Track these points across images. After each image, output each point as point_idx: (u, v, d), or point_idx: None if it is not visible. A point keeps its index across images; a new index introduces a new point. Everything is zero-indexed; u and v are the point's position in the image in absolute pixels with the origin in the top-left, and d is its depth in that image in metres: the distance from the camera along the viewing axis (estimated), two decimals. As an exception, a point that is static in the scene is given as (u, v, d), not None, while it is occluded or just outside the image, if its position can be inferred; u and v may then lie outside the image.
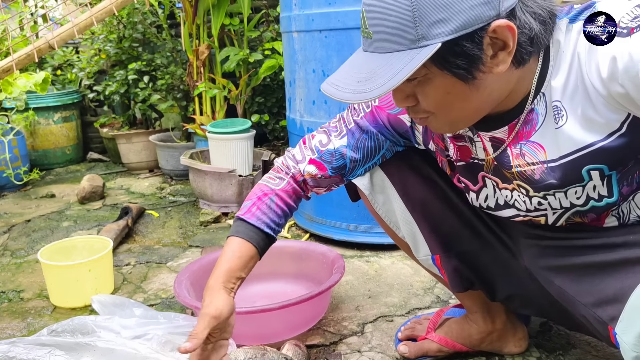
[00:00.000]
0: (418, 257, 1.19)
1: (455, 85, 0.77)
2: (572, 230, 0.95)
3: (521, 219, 0.97)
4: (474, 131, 0.92)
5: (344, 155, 1.08)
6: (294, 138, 2.11)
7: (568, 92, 0.79)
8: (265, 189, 1.10)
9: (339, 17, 1.80)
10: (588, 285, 0.89)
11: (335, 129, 1.10)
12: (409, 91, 0.81)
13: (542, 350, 1.28)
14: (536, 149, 0.85)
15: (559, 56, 0.80)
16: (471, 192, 1.02)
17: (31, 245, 2.15)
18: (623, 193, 0.86)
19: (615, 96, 0.74)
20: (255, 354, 1.16)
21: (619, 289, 0.83)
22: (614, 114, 0.76)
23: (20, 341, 1.19)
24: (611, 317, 0.83)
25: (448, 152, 1.00)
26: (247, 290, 1.64)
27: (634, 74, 0.70)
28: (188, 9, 2.77)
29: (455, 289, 1.17)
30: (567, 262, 0.95)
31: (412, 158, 1.13)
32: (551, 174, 0.85)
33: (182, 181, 3.05)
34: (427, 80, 0.77)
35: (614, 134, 0.77)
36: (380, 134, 1.07)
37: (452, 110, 0.82)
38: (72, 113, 3.55)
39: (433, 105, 0.81)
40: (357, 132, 1.07)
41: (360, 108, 1.08)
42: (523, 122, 0.86)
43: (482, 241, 1.12)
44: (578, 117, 0.79)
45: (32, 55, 1.98)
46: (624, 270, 0.83)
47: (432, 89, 0.78)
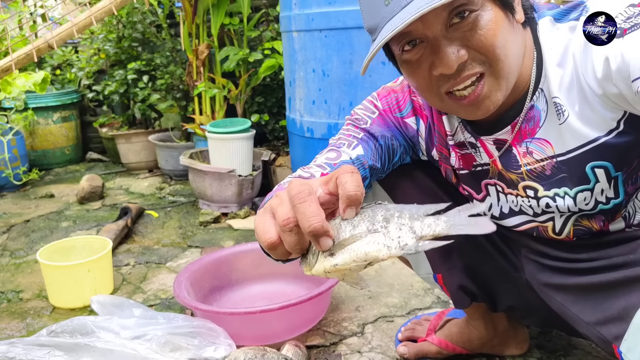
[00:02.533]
0: (419, 274, 1.17)
1: (503, 21, 0.76)
2: (574, 247, 0.94)
3: (528, 226, 0.96)
4: (476, 137, 0.92)
5: (365, 165, 0.94)
6: (294, 138, 2.10)
7: (564, 89, 0.80)
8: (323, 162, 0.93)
9: (339, 17, 1.80)
10: (591, 304, 0.89)
11: (341, 144, 0.96)
12: (460, 43, 0.75)
13: (543, 352, 1.27)
14: (543, 145, 0.85)
15: (549, 53, 0.80)
16: (475, 200, 1.01)
17: (30, 246, 2.15)
18: (628, 192, 0.86)
19: (611, 96, 0.74)
20: (255, 354, 1.16)
21: (622, 307, 0.82)
22: (611, 113, 0.76)
23: (19, 342, 1.19)
24: (615, 336, 0.83)
25: (451, 159, 0.99)
26: (247, 291, 1.64)
27: (626, 75, 0.69)
28: (188, 9, 2.77)
29: (459, 306, 1.15)
30: (568, 281, 0.94)
31: (413, 172, 1.07)
32: (562, 168, 0.85)
33: (182, 181, 3.04)
34: (480, 15, 0.74)
35: (613, 132, 0.78)
36: (395, 139, 0.99)
37: (502, 56, 0.76)
38: (71, 113, 3.55)
39: (489, 44, 0.74)
40: (370, 141, 0.97)
41: (365, 116, 0.99)
42: (525, 119, 0.85)
43: (485, 254, 1.10)
44: (577, 113, 0.79)
45: (31, 54, 1.97)
46: (627, 290, 0.83)
47: (485, 22, 0.74)
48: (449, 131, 0.95)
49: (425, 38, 0.75)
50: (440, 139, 0.98)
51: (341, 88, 1.86)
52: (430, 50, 0.76)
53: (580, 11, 0.78)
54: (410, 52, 0.78)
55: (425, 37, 0.75)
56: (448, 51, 0.74)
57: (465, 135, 0.94)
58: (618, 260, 0.87)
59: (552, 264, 0.98)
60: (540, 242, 0.99)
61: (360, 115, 1.00)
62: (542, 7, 0.85)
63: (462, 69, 0.76)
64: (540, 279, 1.00)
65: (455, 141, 0.96)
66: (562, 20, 0.81)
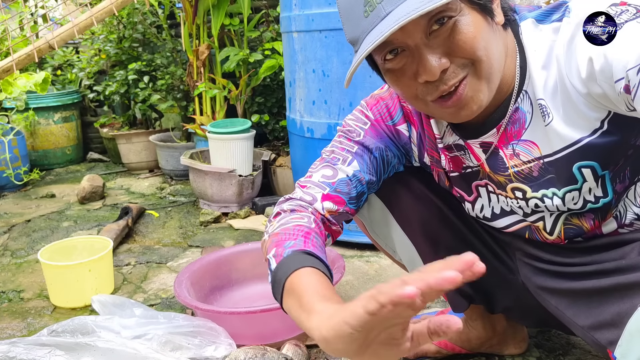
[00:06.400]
0: None
1: (482, 24, 0.76)
2: (567, 250, 0.94)
3: (519, 226, 0.97)
4: (463, 140, 0.92)
5: (362, 181, 0.96)
6: (294, 138, 2.11)
7: (549, 91, 0.80)
8: (303, 228, 0.87)
9: (338, 17, 1.80)
10: (584, 309, 0.89)
11: (335, 159, 0.97)
12: (441, 50, 0.75)
13: (542, 351, 1.28)
14: (529, 147, 0.85)
15: (533, 55, 0.81)
16: (467, 202, 1.01)
17: (31, 245, 2.15)
18: (617, 190, 0.86)
19: (595, 96, 0.74)
20: (255, 354, 1.16)
21: (615, 314, 0.82)
22: (595, 113, 0.77)
23: (20, 341, 1.19)
24: (609, 342, 0.83)
25: (442, 162, 0.99)
26: (247, 290, 1.65)
27: (609, 76, 0.70)
28: (188, 9, 2.77)
29: (458, 309, 1.16)
30: (562, 285, 0.95)
31: (407, 180, 1.06)
32: (549, 169, 0.85)
33: (182, 181, 3.05)
34: (458, 20, 0.74)
35: (598, 131, 0.78)
36: (389, 150, 0.99)
37: (485, 57, 0.76)
38: (72, 113, 3.55)
39: (469, 47, 0.74)
40: (365, 154, 0.97)
41: (357, 127, 0.99)
42: (510, 121, 0.86)
43: (480, 257, 1.09)
44: (561, 115, 0.79)
45: (32, 55, 1.98)
46: (619, 295, 0.83)
47: (464, 26, 0.74)
48: (438, 134, 0.96)
49: (407, 47, 0.76)
50: (430, 143, 0.98)
51: (341, 88, 1.86)
52: (412, 58, 0.76)
53: (563, 12, 0.78)
54: (393, 61, 0.78)
55: (407, 45, 0.75)
56: (430, 59, 0.74)
57: (454, 138, 0.94)
58: (610, 266, 0.87)
59: (545, 268, 0.98)
60: (533, 246, 0.99)
61: (353, 126, 1.00)
62: (523, 9, 0.85)
63: (446, 75, 0.76)
64: (535, 282, 1.01)
65: (444, 144, 0.96)
66: (545, 21, 0.81)
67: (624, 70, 0.68)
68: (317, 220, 0.91)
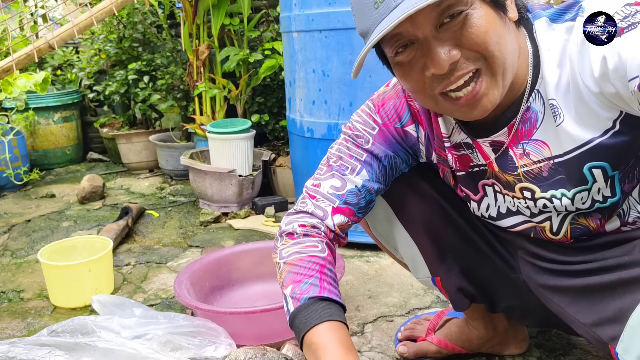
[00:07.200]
0: (417, 277, 1.17)
1: (495, 19, 0.76)
2: (569, 249, 0.94)
3: (525, 226, 0.96)
4: (472, 138, 0.92)
5: (371, 191, 0.99)
6: (294, 138, 2.11)
7: (561, 91, 0.80)
8: (318, 260, 0.93)
9: (338, 17, 1.80)
10: (587, 305, 0.89)
11: (344, 167, 0.98)
12: (451, 42, 0.75)
13: (542, 351, 1.28)
14: (540, 147, 0.85)
15: (547, 54, 0.81)
16: (472, 201, 1.01)
17: (31, 245, 2.15)
18: (625, 190, 0.86)
19: (608, 95, 0.74)
20: (255, 354, 1.16)
21: (618, 309, 0.83)
22: (607, 112, 0.77)
23: (20, 341, 1.19)
24: (611, 337, 0.83)
25: (449, 161, 0.99)
26: (247, 290, 1.64)
27: (623, 74, 0.70)
28: (188, 9, 2.77)
29: (459, 308, 1.15)
30: (564, 283, 0.95)
31: (410, 178, 1.07)
32: (559, 169, 0.85)
33: (182, 181, 3.05)
34: (470, 13, 0.74)
35: (609, 132, 0.78)
36: (398, 156, 1.00)
37: (498, 52, 0.76)
38: (72, 113, 3.55)
39: (481, 41, 0.74)
40: (374, 162, 0.98)
41: (365, 133, 0.99)
42: (521, 121, 0.85)
43: (482, 256, 1.09)
44: (572, 115, 0.79)
45: (32, 55, 1.98)
46: (622, 291, 0.83)
47: (476, 20, 0.74)
48: (445, 133, 0.95)
49: (416, 39, 0.76)
50: (438, 142, 0.98)
51: (341, 88, 1.86)
52: (422, 51, 0.76)
53: (576, 11, 0.78)
54: (402, 54, 0.78)
55: (416, 38, 0.75)
56: (439, 51, 0.74)
57: (462, 136, 0.94)
58: (612, 262, 0.87)
59: (547, 266, 0.98)
60: (535, 245, 0.99)
61: (361, 131, 1.00)
62: (536, 8, 0.85)
63: (455, 68, 0.76)
64: (537, 281, 1.00)
65: (452, 143, 0.96)
66: (558, 20, 0.81)
67: (639, 69, 0.67)
68: (329, 243, 0.97)
